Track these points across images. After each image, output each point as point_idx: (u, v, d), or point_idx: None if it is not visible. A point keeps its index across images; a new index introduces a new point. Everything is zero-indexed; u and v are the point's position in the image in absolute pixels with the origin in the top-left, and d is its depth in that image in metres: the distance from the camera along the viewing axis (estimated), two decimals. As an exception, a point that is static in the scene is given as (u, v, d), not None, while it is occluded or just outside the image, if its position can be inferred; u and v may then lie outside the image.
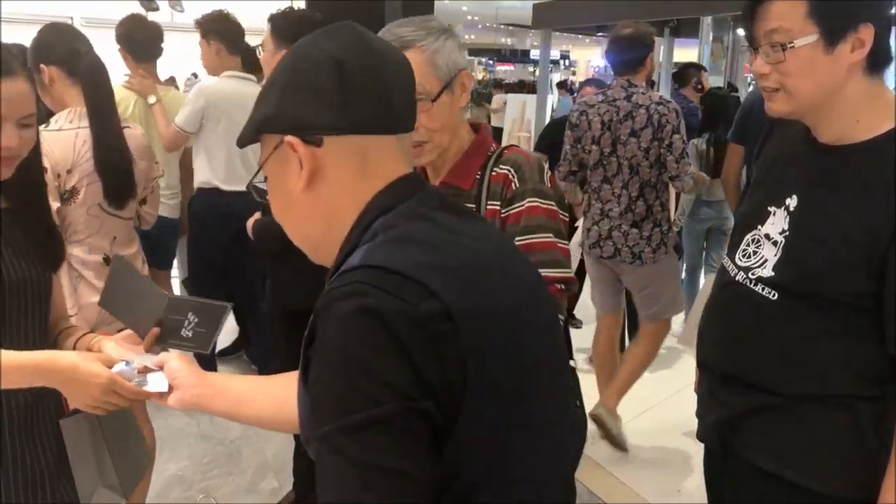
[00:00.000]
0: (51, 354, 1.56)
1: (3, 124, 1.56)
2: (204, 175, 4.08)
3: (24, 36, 2.64)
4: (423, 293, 0.91)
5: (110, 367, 1.52)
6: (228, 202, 4.04)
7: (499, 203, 1.74)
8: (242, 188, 4.02)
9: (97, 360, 1.54)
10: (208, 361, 4.57)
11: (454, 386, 0.91)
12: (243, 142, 1.13)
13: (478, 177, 1.77)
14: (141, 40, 4.05)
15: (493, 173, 1.75)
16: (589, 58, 31.13)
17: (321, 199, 1.07)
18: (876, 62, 1.54)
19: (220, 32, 4.06)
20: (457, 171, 1.78)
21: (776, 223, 1.64)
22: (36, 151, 1.71)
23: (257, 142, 1.11)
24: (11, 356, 1.50)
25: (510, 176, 1.74)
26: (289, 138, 1.04)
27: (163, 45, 4.15)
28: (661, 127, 3.55)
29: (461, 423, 0.91)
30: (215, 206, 4.08)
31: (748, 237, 1.71)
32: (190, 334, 1.68)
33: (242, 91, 3.99)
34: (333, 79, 1.02)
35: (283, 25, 2.85)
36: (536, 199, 1.72)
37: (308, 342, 0.95)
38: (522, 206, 1.72)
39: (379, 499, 0.84)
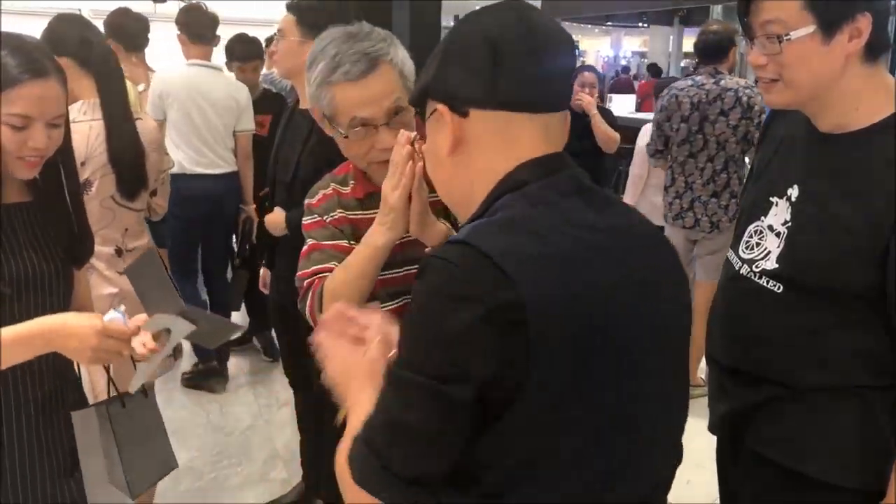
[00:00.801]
0: (42, 318, 1.57)
1: (33, 125, 1.57)
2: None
3: (30, 28, 2.64)
4: (505, 282, 0.94)
5: None
6: (195, 184, 4.21)
7: None
8: (209, 170, 4.21)
9: (88, 315, 1.57)
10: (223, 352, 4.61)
11: (512, 377, 0.94)
12: (413, 103, 1.23)
13: None
14: (129, 31, 4.14)
15: None
16: (598, 48, 30.99)
17: (464, 166, 1.13)
18: (874, 50, 1.52)
19: (184, 24, 4.25)
20: None
21: (778, 214, 1.63)
22: (66, 147, 1.72)
23: (424, 104, 1.18)
24: (10, 330, 1.52)
25: None
26: (440, 106, 1.12)
27: (149, 35, 4.28)
28: (750, 107, 4.02)
29: (511, 412, 0.95)
30: (183, 189, 4.18)
31: (750, 228, 1.70)
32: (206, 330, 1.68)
33: (199, 78, 4.19)
34: (486, 56, 1.07)
35: (300, 13, 2.88)
36: None
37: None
38: None
39: (390, 442, 0.99)
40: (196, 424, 4.04)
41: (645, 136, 5.10)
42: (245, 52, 4.73)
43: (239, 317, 5.16)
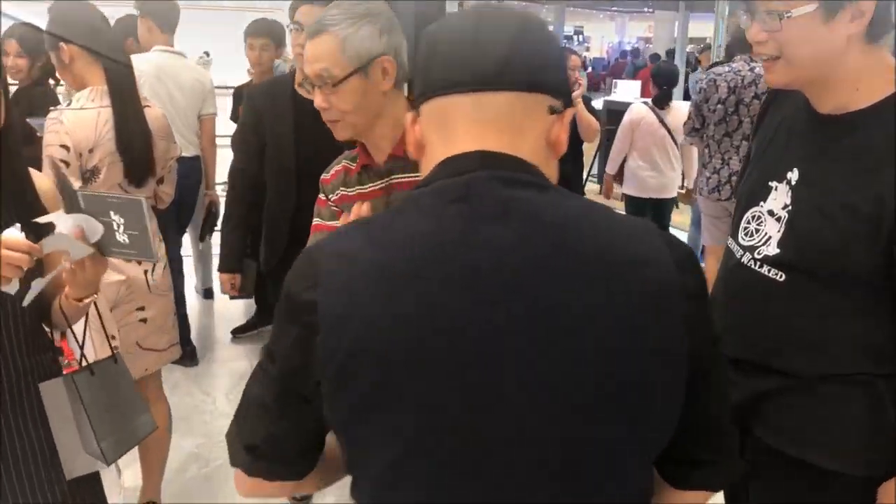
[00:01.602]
0: None
1: None
2: None
3: (35, 15, 2.64)
4: (312, 283, 0.96)
5: None
6: None
7: None
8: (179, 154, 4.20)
9: None
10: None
11: (314, 374, 0.96)
12: None
13: None
14: None
15: None
16: (603, 33, 30.88)
17: (425, 168, 1.09)
18: (876, 31, 1.49)
19: (150, 12, 4.31)
20: (402, 144, 1.83)
21: (778, 198, 1.62)
22: (8, 123, 1.69)
23: None
24: None
25: None
26: (409, 114, 1.09)
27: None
28: None
29: (325, 408, 0.98)
30: None
31: (748, 214, 1.68)
32: (126, 240, 1.68)
33: (167, 63, 4.27)
34: (423, 51, 1.05)
35: None
36: None
37: None
38: None
39: (239, 411, 1.09)
40: (202, 411, 4.05)
41: (630, 114, 5.58)
42: (255, 28, 4.68)
43: (243, 305, 5.17)
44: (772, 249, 1.60)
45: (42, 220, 1.58)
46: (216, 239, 5.28)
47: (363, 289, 0.94)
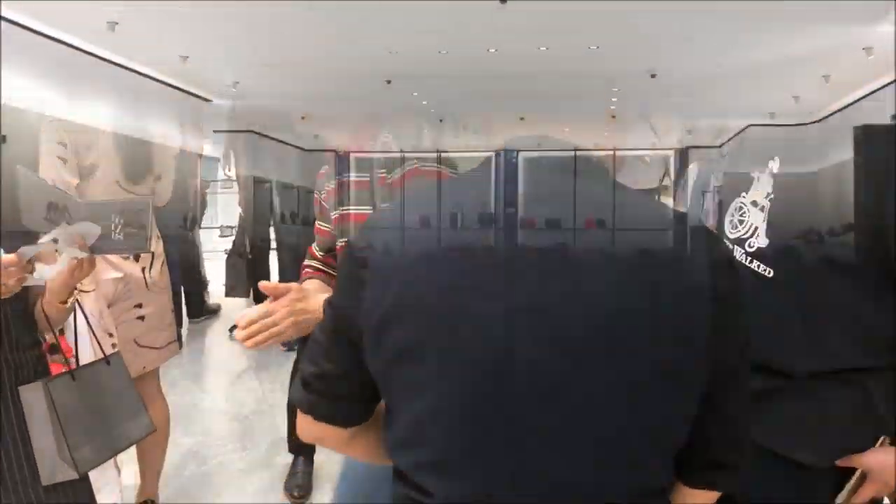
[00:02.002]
0: None
1: None
2: None
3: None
4: (367, 244, 1.04)
5: None
6: None
7: (384, 170, 1.82)
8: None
9: None
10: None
11: (359, 320, 1.03)
12: None
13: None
14: None
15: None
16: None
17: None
18: None
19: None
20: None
21: (760, 188, 1.62)
22: None
23: None
24: None
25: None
26: None
27: None
28: None
29: (367, 353, 1.04)
30: None
31: (732, 206, 1.68)
32: (121, 237, 1.67)
33: None
34: None
35: None
36: (416, 162, 1.80)
37: None
38: (405, 170, 1.80)
39: (307, 354, 1.13)
40: (201, 409, 4.05)
41: None
42: None
43: (244, 303, 5.18)
44: (761, 240, 1.60)
45: (41, 241, 1.58)
46: (207, 235, 5.30)
47: (408, 254, 1.01)
